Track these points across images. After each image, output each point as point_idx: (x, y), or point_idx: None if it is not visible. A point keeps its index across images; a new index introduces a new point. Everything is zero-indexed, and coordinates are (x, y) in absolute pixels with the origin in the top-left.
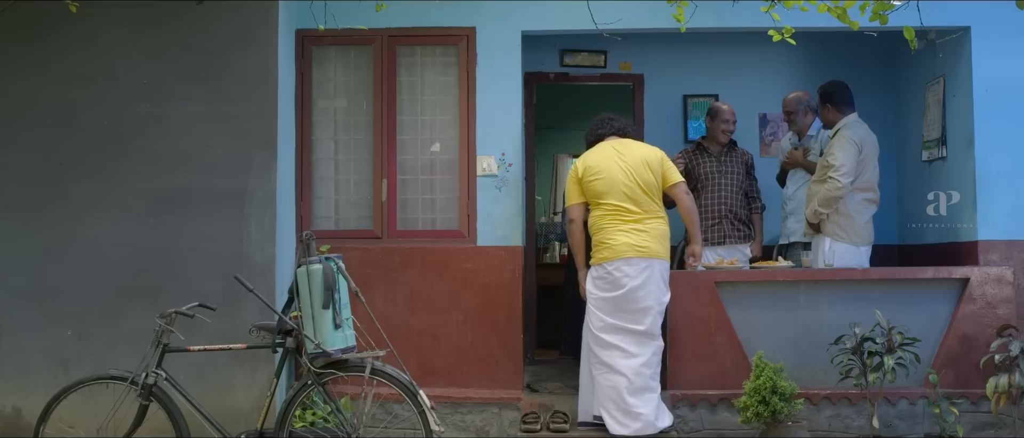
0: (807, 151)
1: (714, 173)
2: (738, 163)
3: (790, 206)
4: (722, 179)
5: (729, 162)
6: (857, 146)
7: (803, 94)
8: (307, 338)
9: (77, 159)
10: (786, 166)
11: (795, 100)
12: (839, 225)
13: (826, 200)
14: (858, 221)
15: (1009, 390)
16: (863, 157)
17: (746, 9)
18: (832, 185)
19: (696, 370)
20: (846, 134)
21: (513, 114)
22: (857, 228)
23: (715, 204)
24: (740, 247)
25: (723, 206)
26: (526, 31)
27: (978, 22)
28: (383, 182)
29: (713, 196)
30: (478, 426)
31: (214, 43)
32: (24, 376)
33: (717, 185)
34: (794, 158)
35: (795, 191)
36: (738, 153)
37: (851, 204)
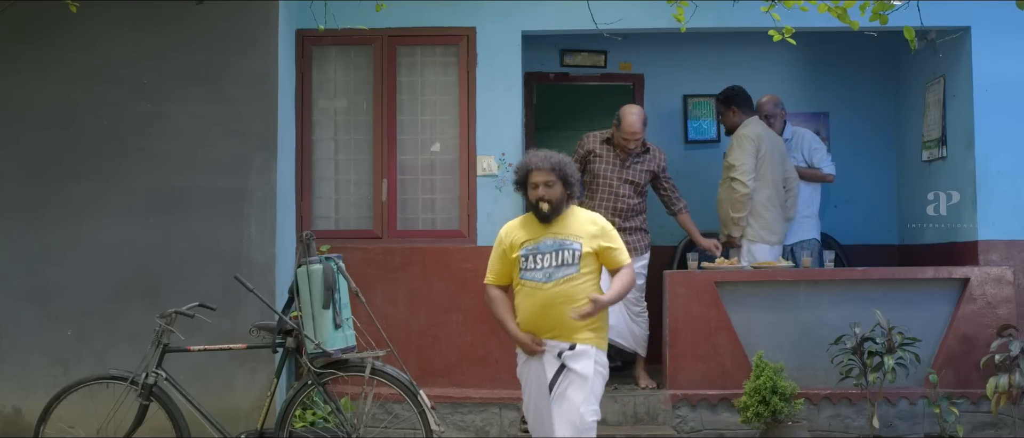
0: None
1: (611, 178)
2: (642, 170)
3: None
4: (620, 187)
5: (632, 167)
6: (754, 143)
7: (776, 97)
8: (307, 338)
9: (77, 159)
10: None
11: (773, 102)
12: (751, 225)
13: (735, 203)
14: (766, 218)
15: (1009, 390)
16: (762, 154)
17: (746, 9)
18: (736, 186)
19: (696, 370)
20: (742, 133)
21: (513, 114)
22: (767, 225)
23: (608, 216)
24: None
25: (618, 218)
26: (526, 31)
27: (978, 22)
28: (383, 182)
29: (605, 200)
30: (478, 426)
31: (214, 43)
32: (24, 376)
33: (613, 192)
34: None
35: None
36: (647, 159)
37: (756, 202)
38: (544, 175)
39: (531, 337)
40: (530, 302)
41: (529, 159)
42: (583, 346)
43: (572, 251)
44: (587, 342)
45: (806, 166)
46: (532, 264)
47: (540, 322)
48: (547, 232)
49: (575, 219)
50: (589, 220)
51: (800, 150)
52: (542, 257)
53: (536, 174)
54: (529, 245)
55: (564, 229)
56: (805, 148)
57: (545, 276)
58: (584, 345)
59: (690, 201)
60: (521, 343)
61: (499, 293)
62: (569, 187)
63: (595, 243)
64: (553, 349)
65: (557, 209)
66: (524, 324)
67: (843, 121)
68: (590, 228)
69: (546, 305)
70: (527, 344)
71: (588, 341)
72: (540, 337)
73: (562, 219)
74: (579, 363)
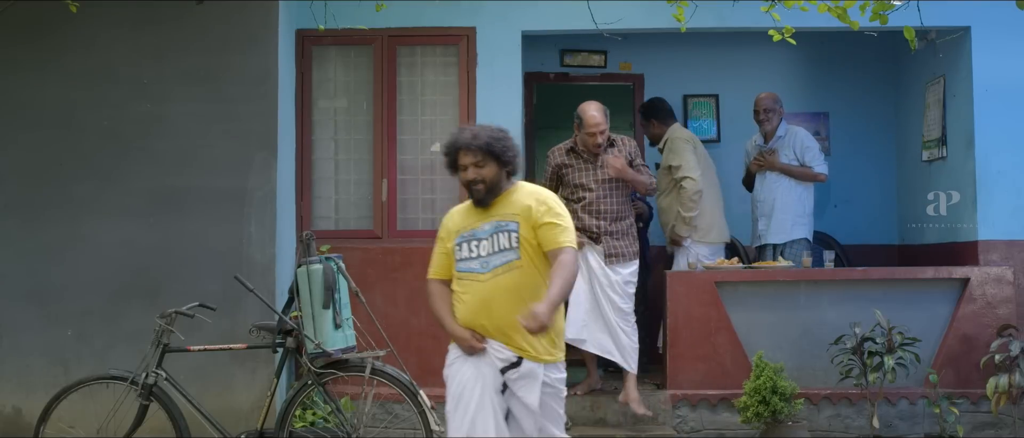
0: (774, 152)
1: (588, 183)
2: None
3: (762, 209)
4: (599, 189)
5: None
6: (690, 143)
7: (776, 94)
8: (307, 338)
9: (77, 159)
10: (754, 169)
11: (773, 98)
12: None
13: (687, 203)
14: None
15: (1009, 390)
16: (700, 154)
17: (746, 9)
18: (688, 185)
19: (696, 370)
20: (675, 137)
21: (513, 114)
22: (709, 225)
23: (592, 220)
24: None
25: (603, 221)
26: (526, 31)
27: (978, 22)
28: (383, 182)
29: (587, 207)
30: None
31: (214, 43)
32: (24, 376)
33: (592, 197)
34: (768, 161)
35: (767, 194)
36: (615, 151)
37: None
38: (473, 155)
39: (471, 333)
40: (468, 296)
41: (456, 137)
42: (530, 365)
43: (508, 233)
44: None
45: (798, 164)
46: (468, 252)
47: (480, 318)
48: (486, 216)
49: (516, 196)
50: (530, 194)
51: (792, 148)
52: (479, 244)
53: (464, 155)
54: (466, 231)
55: (504, 209)
56: (797, 146)
57: (482, 265)
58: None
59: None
60: (458, 339)
61: (440, 288)
62: (506, 164)
63: (532, 221)
64: (496, 352)
65: (493, 190)
66: (464, 321)
67: (843, 121)
68: (529, 203)
69: (486, 300)
70: (466, 340)
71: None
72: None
73: (503, 199)
74: (524, 388)
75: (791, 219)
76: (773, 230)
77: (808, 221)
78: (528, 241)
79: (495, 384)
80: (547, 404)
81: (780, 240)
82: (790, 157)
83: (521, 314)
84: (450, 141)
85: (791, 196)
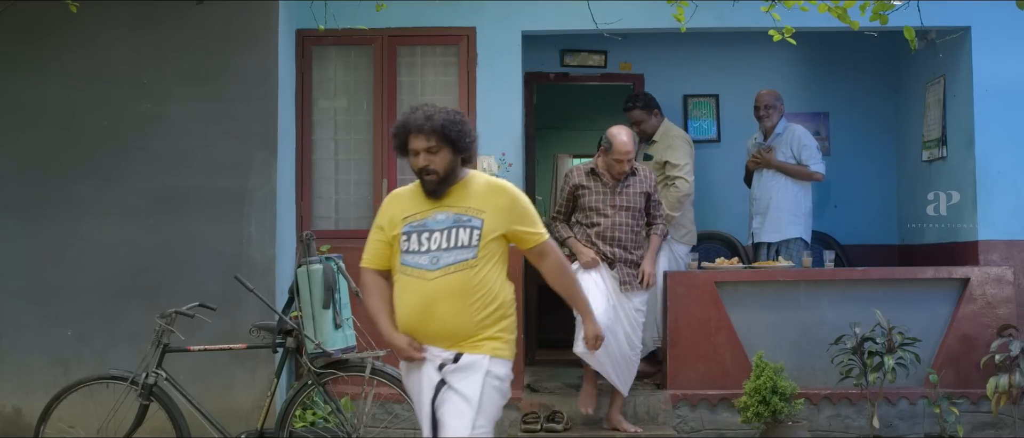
0: (772, 149)
1: (605, 208)
2: (635, 193)
3: (757, 206)
4: (616, 216)
5: (624, 193)
6: (690, 145)
7: (776, 92)
8: (307, 338)
9: (77, 159)
10: (752, 166)
11: (773, 95)
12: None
13: (676, 203)
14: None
15: (1009, 390)
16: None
17: (746, 9)
18: (682, 186)
19: (696, 370)
20: (677, 135)
21: (513, 114)
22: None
23: (606, 247)
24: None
25: (618, 248)
26: (526, 31)
27: (978, 22)
28: (383, 182)
29: (604, 233)
30: None
31: (214, 43)
32: (24, 376)
33: (610, 222)
34: (765, 159)
35: (763, 192)
36: (637, 181)
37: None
38: (425, 139)
39: (408, 340)
40: (411, 295)
41: (407, 119)
42: (472, 357)
43: (470, 230)
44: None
45: (795, 163)
46: (416, 245)
47: (423, 323)
48: (440, 205)
49: (476, 187)
50: (494, 188)
51: (789, 146)
52: (430, 236)
53: (416, 138)
54: (415, 220)
55: (462, 201)
56: (794, 144)
57: (431, 262)
58: (474, 355)
59: None
60: (394, 346)
61: (376, 280)
62: (461, 151)
63: (503, 221)
64: (435, 360)
65: (447, 179)
66: (403, 324)
67: (843, 121)
68: (497, 200)
69: (430, 301)
70: (402, 348)
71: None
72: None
73: (460, 189)
74: (464, 380)
75: (786, 218)
76: (768, 228)
77: (804, 221)
78: (491, 240)
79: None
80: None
81: (774, 239)
82: (787, 155)
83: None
84: (400, 121)
85: (787, 195)
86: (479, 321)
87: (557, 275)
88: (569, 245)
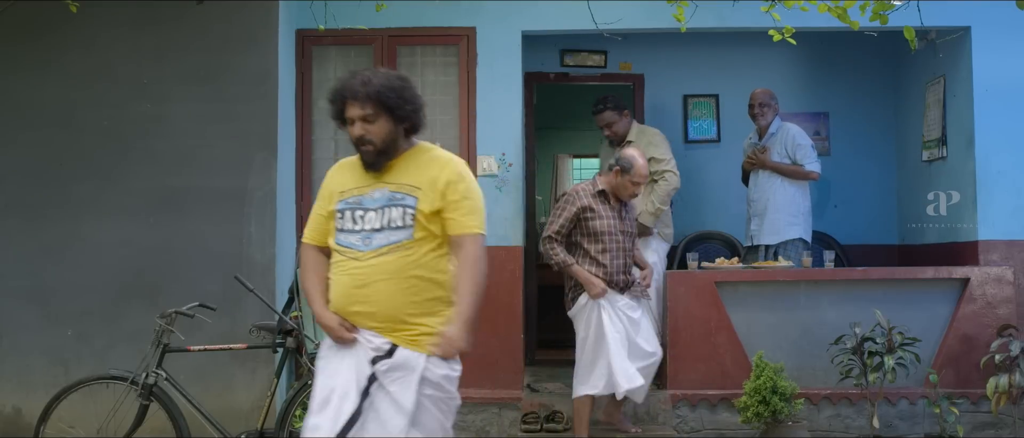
0: (766, 150)
1: (616, 233)
2: (632, 219)
3: (755, 208)
4: (625, 241)
5: (626, 218)
6: (666, 139)
7: (771, 91)
8: (307, 338)
9: (77, 159)
10: (748, 167)
11: (767, 94)
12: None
13: (665, 197)
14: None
15: (1009, 390)
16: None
17: (746, 9)
18: (671, 180)
19: (696, 370)
20: (652, 131)
21: (513, 114)
22: (667, 223)
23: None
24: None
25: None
26: (526, 31)
27: (978, 22)
28: None
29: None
30: (478, 426)
31: (214, 43)
32: (24, 376)
33: (620, 248)
34: (760, 159)
35: (760, 193)
36: (632, 207)
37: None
38: (360, 106)
39: (338, 320)
40: (343, 275)
41: (343, 84)
42: (407, 353)
43: (403, 209)
44: (414, 347)
45: (789, 162)
46: (350, 223)
47: (354, 305)
48: (380, 180)
49: (419, 161)
50: (436, 163)
51: (784, 145)
52: (364, 215)
53: (351, 106)
54: (350, 196)
55: (401, 176)
56: (789, 144)
57: (363, 242)
58: (409, 352)
59: (690, 200)
60: (324, 326)
61: (315, 256)
62: (403, 120)
63: (436, 200)
64: (367, 344)
65: (387, 151)
66: (335, 305)
67: (843, 121)
68: (436, 176)
69: (362, 283)
70: (333, 328)
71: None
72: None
73: (403, 162)
74: (397, 382)
75: (784, 219)
76: (766, 230)
77: (803, 221)
78: (428, 219)
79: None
80: (426, 408)
81: (773, 241)
82: (782, 155)
83: (432, 343)
84: (336, 87)
85: (784, 196)
86: (416, 306)
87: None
88: (574, 274)
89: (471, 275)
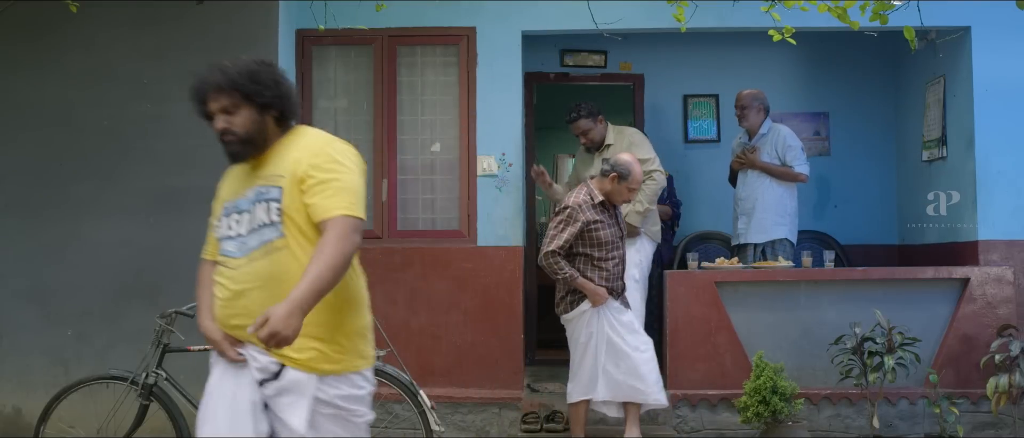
0: (756, 149)
1: (617, 241)
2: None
3: (742, 207)
4: (622, 247)
5: (620, 222)
6: (647, 138)
7: (759, 92)
8: None
9: (77, 158)
10: (737, 167)
11: (750, 95)
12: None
13: (653, 196)
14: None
15: (1009, 390)
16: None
17: (746, 9)
18: (659, 178)
19: (696, 370)
20: (632, 131)
21: (513, 114)
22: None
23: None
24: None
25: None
26: (526, 31)
27: (978, 22)
28: (383, 182)
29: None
30: (478, 426)
31: (214, 43)
32: (24, 376)
33: (620, 256)
34: (749, 159)
35: (748, 193)
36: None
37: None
38: (221, 98)
39: (223, 335)
40: (221, 287)
41: (202, 79)
42: (295, 375)
43: (267, 203)
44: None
45: (779, 163)
46: (227, 229)
47: (233, 317)
48: (253, 180)
49: (290, 147)
50: (301, 147)
51: (774, 147)
52: (240, 218)
53: (214, 99)
54: (229, 201)
55: (270, 168)
56: (779, 145)
57: (239, 248)
58: (295, 373)
59: (691, 200)
60: (208, 339)
61: (207, 271)
62: (266, 107)
63: (298, 180)
64: (253, 364)
65: (254, 142)
66: (219, 321)
67: (843, 121)
68: (300, 157)
69: (240, 293)
70: (218, 344)
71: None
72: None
73: (275, 152)
74: (287, 408)
75: (772, 219)
76: (753, 229)
77: (790, 221)
78: (295, 211)
79: (252, 406)
80: (326, 430)
81: (760, 240)
82: (772, 155)
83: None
84: (194, 84)
85: (772, 195)
86: None
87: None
88: (580, 286)
89: (324, 256)
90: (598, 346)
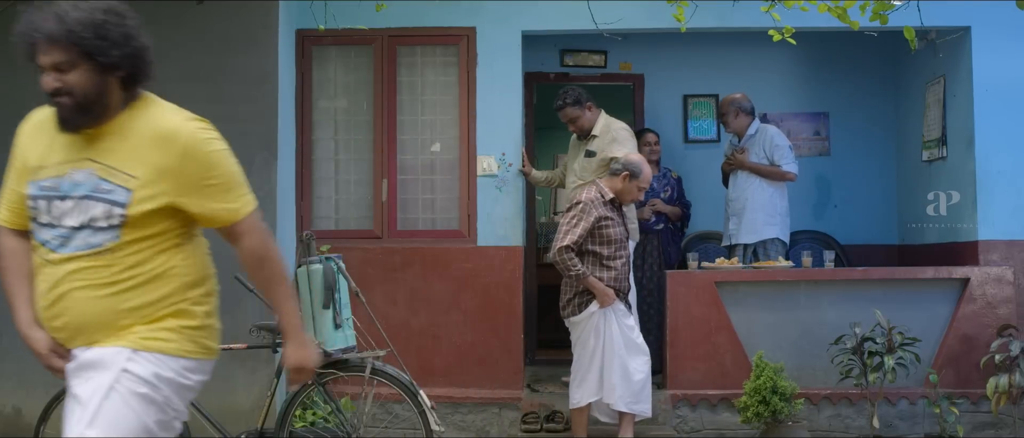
0: (744, 150)
1: (624, 240)
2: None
3: (733, 208)
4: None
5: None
6: (633, 135)
7: (739, 96)
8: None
9: None
10: (726, 168)
11: (727, 101)
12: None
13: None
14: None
15: (1009, 390)
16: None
17: (746, 9)
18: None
19: (696, 370)
20: (619, 126)
21: (513, 114)
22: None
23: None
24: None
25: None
26: (526, 31)
27: (978, 22)
28: (383, 182)
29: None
30: (478, 426)
31: (214, 43)
32: (24, 376)
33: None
34: (738, 160)
35: (739, 193)
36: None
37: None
38: (53, 52)
39: (49, 343)
40: (40, 281)
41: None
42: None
43: (108, 206)
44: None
45: (768, 163)
46: (45, 215)
47: (54, 319)
48: (85, 155)
49: (141, 131)
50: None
51: (762, 147)
52: (62, 206)
53: (44, 52)
54: (47, 179)
55: (115, 155)
56: (767, 145)
57: (59, 241)
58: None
59: (691, 199)
60: (31, 348)
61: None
62: (111, 68)
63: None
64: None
65: (91, 109)
66: (41, 319)
67: (843, 121)
68: (162, 157)
69: (58, 295)
70: (41, 354)
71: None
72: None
73: (118, 128)
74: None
75: (762, 219)
76: (744, 230)
77: (781, 220)
78: (146, 219)
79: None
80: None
81: (750, 240)
82: (760, 156)
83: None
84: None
85: (762, 196)
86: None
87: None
88: (590, 285)
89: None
90: (607, 349)
